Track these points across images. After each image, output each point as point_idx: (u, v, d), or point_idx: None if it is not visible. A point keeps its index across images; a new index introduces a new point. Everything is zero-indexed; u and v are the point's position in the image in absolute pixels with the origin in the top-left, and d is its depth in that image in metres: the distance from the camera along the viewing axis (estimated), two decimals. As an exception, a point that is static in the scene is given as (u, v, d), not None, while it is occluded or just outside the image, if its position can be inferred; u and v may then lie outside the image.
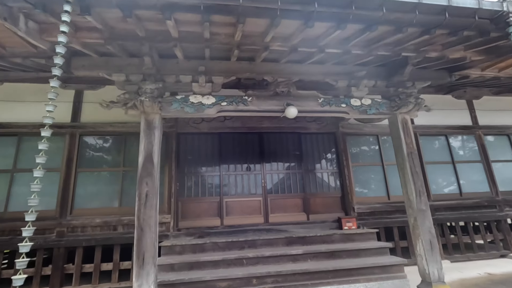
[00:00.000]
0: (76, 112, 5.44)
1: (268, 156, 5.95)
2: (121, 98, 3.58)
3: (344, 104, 4.15)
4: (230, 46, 3.51)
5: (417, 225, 3.85)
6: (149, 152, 3.46)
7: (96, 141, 5.42)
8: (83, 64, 3.70)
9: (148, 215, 3.27)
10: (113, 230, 4.96)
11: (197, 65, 3.88)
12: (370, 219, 5.79)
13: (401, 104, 4.09)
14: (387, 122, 6.38)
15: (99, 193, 5.13)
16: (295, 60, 4.19)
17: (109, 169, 5.28)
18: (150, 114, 3.60)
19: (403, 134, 4.14)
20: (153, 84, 3.53)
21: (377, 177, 6.20)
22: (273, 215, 5.62)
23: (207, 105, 3.80)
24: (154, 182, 3.40)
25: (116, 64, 3.76)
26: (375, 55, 3.88)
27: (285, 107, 3.96)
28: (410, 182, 3.98)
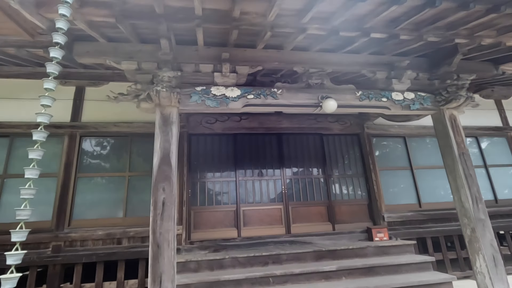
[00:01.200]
0: (77, 110, 4.88)
1: (288, 159, 5.41)
2: (132, 89, 3.05)
3: (385, 98, 3.65)
4: (260, 28, 3.01)
5: (475, 238, 3.30)
6: (166, 152, 2.91)
7: (98, 142, 4.85)
8: (88, 50, 3.17)
9: (166, 228, 2.70)
10: (117, 243, 4.36)
11: (219, 52, 3.37)
12: (401, 229, 5.23)
13: (450, 98, 3.59)
14: (415, 123, 6.00)
15: (101, 202, 4.53)
16: (328, 49, 3.71)
17: (113, 174, 4.69)
18: (167, 108, 3.06)
19: (452, 132, 3.63)
20: (171, 71, 3.00)
21: (406, 183, 5.67)
22: (295, 225, 5.05)
23: (232, 98, 3.28)
24: (172, 187, 2.84)
25: (126, 51, 3.23)
26: (421, 43, 3.40)
27: (319, 100, 3.45)
28: (464, 187, 3.45)
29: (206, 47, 3.40)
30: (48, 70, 2.21)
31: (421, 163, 5.84)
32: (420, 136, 6.00)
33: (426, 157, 5.93)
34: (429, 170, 5.82)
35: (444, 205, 5.60)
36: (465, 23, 3.12)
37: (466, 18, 3.04)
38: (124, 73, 3.32)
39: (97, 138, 4.84)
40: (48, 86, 2.18)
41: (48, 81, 1.90)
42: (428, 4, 2.66)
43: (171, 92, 2.94)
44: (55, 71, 2.32)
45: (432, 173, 5.81)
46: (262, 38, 3.17)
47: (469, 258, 5.32)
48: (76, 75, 4.96)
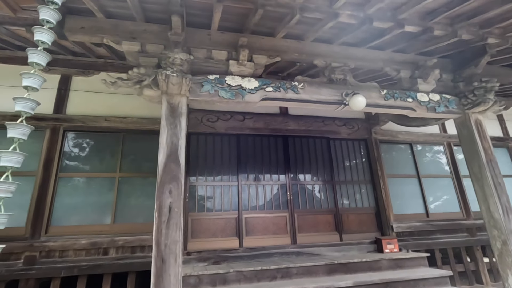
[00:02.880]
0: (61, 101, 4.31)
1: (294, 163, 5.04)
2: (134, 73, 2.59)
3: (410, 99, 3.38)
4: (287, 11, 2.66)
5: (508, 251, 3.05)
6: (173, 148, 2.46)
7: (85, 138, 4.29)
8: (83, 26, 2.69)
9: (173, 239, 2.23)
10: (103, 254, 3.79)
11: (234, 38, 2.98)
12: (410, 240, 4.97)
13: (478, 101, 3.38)
14: (422, 130, 5.83)
15: (86, 206, 3.96)
16: (351, 43, 3.42)
17: (101, 174, 4.14)
18: (175, 96, 2.62)
19: (479, 138, 3.40)
20: (184, 53, 2.57)
21: (414, 191, 5.44)
22: (301, 235, 4.66)
23: (249, 89, 2.88)
24: (180, 190, 2.39)
25: (128, 30, 2.78)
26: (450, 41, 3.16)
27: (343, 97, 3.12)
28: (493, 196, 3.20)
29: (220, 32, 3.01)
30: (31, 59, 1.75)
31: (428, 171, 5.65)
32: (427, 143, 5.84)
33: (433, 166, 5.76)
34: (436, 179, 5.64)
35: (451, 215, 5.42)
36: (501, 20, 2.92)
37: (505, 14, 2.83)
38: (124, 56, 2.87)
39: (84, 133, 4.28)
40: (28, 83, 1.71)
41: (29, 76, 1.44)
42: (476, -8, 2.41)
43: (182, 78, 2.51)
44: (41, 62, 1.84)
45: (438, 182, 5.64)
46: (286, 24, 2.81)
47: (477, 271, 5.21)
48: (63, 62, 4.44)
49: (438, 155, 5.87)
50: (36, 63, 1.70)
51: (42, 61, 1.73)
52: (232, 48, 2.99)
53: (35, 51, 1.71)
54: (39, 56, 1.71)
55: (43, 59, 1.76)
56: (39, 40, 1.75)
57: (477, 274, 5.10)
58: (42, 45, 1.77)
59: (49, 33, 1.74)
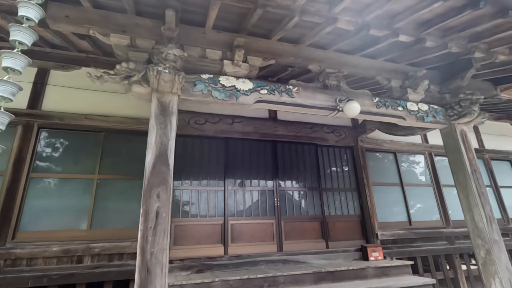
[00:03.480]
0: (37, 96, 4.01)
1: (282, 169, 4.98)
2: (122, 68, 2.42)
3: (401, 108, 3.42)
4: (286, 12, 2.61)
5: (491, 260, 3.11)
6: (163, 149, 2.31)
7: (62, 137, 4.00)
8: (67, 15, 2.50)
9: (160, 247, 2.06)
10: (77, 262, 3.50)
11: (229, 38, 2.89)
12: (394, 247, 5.02)
13: (464, 113, 3.48)
14: (405, 139, 5.98)
15: (60, 210, 3.66)
16: (345, 50, 3.43)
17: (78, 175, 3.86)
18: (166, 94, 2.47)
19: (464, 148, 3.50)
20: (178, 49, 2.44)
21: (397, 199, 5.53)
22: (288, 242, 4.57)
23: (243, 91, 2.79)
24: (169, 194, 2.23)
25: (118, 22, 2.61)
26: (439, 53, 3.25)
27: (337, 103, 3.10)
28: (478, 205, 3.28)
29: (216, 31, 2.91)
30: (14, 37, 1.57)
31: (411, 180, 5.78)
32: (410, 152, 5.98)
33: (415, 175, 5.91)
34: (418, 187, 5.77)
35: (431, 223, 5.55)
36: (489, 35, 3.03)
37: (493, 29, 2.94)
38: (109, 52, 2.69)
39: (61, 131, 3.98)
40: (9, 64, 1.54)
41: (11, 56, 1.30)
42: (470, 6, 2.48)
43: (175, 75, 2.37)
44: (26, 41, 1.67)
45: (420, 190, 5.77)
46: (283, 26, 2.76)
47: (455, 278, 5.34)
48: (40, 54, 4.13)
49: (420, 165, 6.03)
50: (20, 41, 1.51)
51: (27, 40, 1.54)
52: (227, 48, 2.90)
53: (18, 27, 1.52)
54: (23, 34, 1.52)
55: (28, 37, 1.57)
56: (24, 16, 1.56)
57: (456, 281, 5.22)
58: (28, 23, 1.58)
59: (37, 8, 1.56)
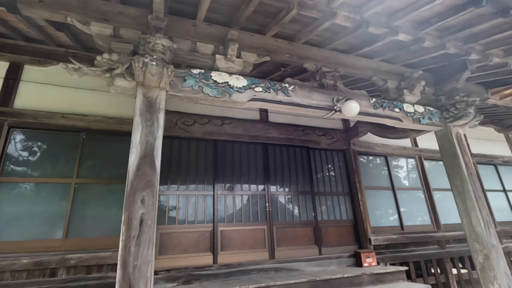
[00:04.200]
0: (8, 93, 3.66)
1: (274, 173, 4.80)
2: (104, 60, 2.18)
3: (398, 109, 3.34)
4: (283, 5, 2.46)
5: (490, 266, 3.03)
6: (149, 149, 2.08)
7: (36, 137, 3.66)
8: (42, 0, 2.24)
9: (144, 259, 1.82)
10: (50, 276, 3.17)
11: (222, 32, 2.71)
12: (387, 252, 4.92)
13: (460, 115, 3.43)
14: (396, 143, 5.95)
15: (32, 217, 3.32)
16: (340, 49, 3.32)
17: (53, 179, 3.52)
18: (153, 89, 2.25)
19: (460, 152, 3.44)
20: (167, 40, 2.22)
21: (389, 204, 5.46)
22: (280, 249, 4.37)
23: (236, 88, 2.60)
24: (155, 199, 2.00)
25: (99, 10, 2.38)
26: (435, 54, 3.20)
27: (334, 103, 2.97)
28: (475, 209, 3.21)
29: (207, 24, 2.72)
30: None
31: (402, 184, 5.75)
32: (401, 156, 5.96)
33: (406, 178, 5.88)
34: (409, 191, 5.74)
35: (423, 228, 5.51)
36: (485, 36, 3.00)
37: (490, 30, 2.90)
38: (91, 47, 2.46)
39: (35, 131, 3.65)
40: None
41: None
42: (472, 3, 2.41)
43: (163, 68, 2.15)
44: None
45: (411, 194, 5.74)
46: (279, 20, 2.61)
47: (447, 283, 5.31)
48: (13, 48, 3.82)
49: (410, 168, 6.01)
50: None
51: None
52: (219, 42, 2.71)
53: None
54: None
55: None
56: None
57: (447, 286, 5.17)
58: None
59: None
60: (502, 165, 7.02)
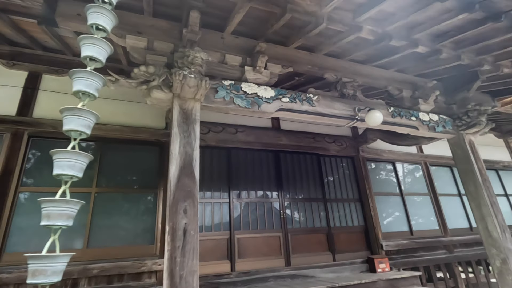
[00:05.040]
0: (27, 103, 3.67)
1: (286, 180, 4.86)
2: (140, 72, 2.23)
3: (414, 118, 3.44)
4: (310, 19, 2.55)
5: (508, 270, 3.12)
6: (188, 160, 2.12)
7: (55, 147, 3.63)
8: (79, 13, 2.28)
9: (189, 269, 1.85)
10: (72, 286, 3.15)
11: (248, 44, 2.79)
12: (398, 258, 4.99)
13: (472, 123, 3.56)
14: (402, 149, 6.07)
15: (52, 227, 3.30)
16: (357, 60, 3.42)
17: (73, 189, 3.48)
18: (188, 101, 2.30)
19: (473, 158, 3.55)
20: (204, 53, 2.28)
21: (398, 209, 5.55)
22: (295, 256, 4.41)
23: (265, 98, 2.67)
24: (196, 209, 2.04)
25: (132, 22, 2.43)
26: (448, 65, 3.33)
27: (356, 113, 3.06)
28: (491, 215, 3.31)
29: (234, 36, 2.79)
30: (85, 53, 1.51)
31: (409, 189, 5.85)
32: (407, 162, 6.08)
33: (413, 184, 5.98)
34: (416, 197, 5.84)
35: (431, 233, 5.60)
36: (498, 48, 3.13)
37: (503, 43, 3.04)
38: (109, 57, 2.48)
39: (54, 140, 3.64)
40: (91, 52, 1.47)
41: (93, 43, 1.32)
42: (492, 19, 2.53)
43: (200, 80, 2.21)
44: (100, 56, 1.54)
45: (418, 200, 5.84)
46: (305, 34, 2.69)
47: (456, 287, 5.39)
48: (31, 57, 3.83)
49: (417, 174, 6.12)
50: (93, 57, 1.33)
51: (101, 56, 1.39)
52: (245, 54, 2.79)
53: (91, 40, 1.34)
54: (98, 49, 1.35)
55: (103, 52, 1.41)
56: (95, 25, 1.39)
57: (457, 290, 5.25)
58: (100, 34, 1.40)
59: (111, 15, 1.39)
60: (503, 170, 7.19)
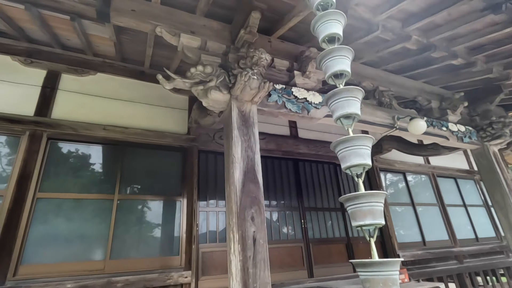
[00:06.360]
0: (46, 103, 3.44)
1: (306, 189, 4.79)
2: (197, 72, 2.13)
3: (445, 128, 3.49)
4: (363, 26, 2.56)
5: (539, 279, 3.15)
6: (250, 164, 2.01)
7: (76, 150, 3.43)
8: (133, 9, 2.17)
9: (262, 281, 1.72)
10: (94, 301, 2.89)
11: (293, 48, 2.76)
12: (414, 268, 4.97)
13: (497, 135, 3.65)
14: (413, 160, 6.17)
15: (72, 237, 3.05)
16: (391, 70, 3.47)
17: (94, 195, 3.29)
18: (245, 104, 2.21)
19: (499, 169, 3.64)
20: (269, 55, 2.21)
21: (410, 219, 5.59)
22: (318, 267, 4.30)
23: (314, 104, 2.62)
24: (263, 217, 1.93)
25: (184, 21, 2.34)
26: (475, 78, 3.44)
27: (395, 121, 3.06)
28: (519, 224, 3.37)
29: (280, 41, 2.76)
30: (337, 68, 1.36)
31: (419, 200, 5.92)
32: (417, 173, 6.17)
33: (423, 194, 6.06)
34: (426, 207, 5.91)
35: (441, 243, 5.65)
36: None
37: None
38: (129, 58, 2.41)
39: (74, 143, 3.42)
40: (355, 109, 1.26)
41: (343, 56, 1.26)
42: (536, 33, 2.63)
43: (262, 82, 2.13)
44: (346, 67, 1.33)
45: (428, 210, 5.91)
46: (355, 40, 2.69)
47: (468, 298, 5.43)
48: (49, 55, 3.64)
49: (426, 185, 6.22)
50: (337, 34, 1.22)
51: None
52: (291, 59, 2.75)
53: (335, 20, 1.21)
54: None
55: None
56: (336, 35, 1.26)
57: (469, 301, 5.29)
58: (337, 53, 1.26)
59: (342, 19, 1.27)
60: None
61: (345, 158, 1.08)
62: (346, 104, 1.15)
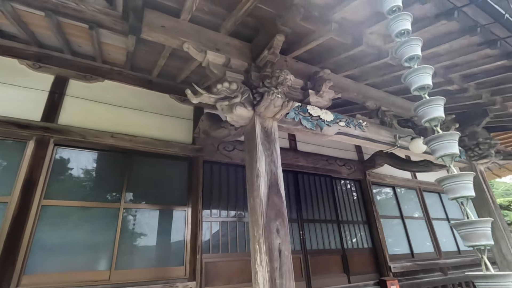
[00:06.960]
0: (53, 108, 3.40)
1: (304, 201, 4.92)
2: (223, 88, 2.23)
3: (438, 147, 3.74)
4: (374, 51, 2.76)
5: (523, 290, 3.40)
6: (273, 178, 2.12)
7: (83, 157, 3.39)
8: (163, 25, 2.26)
9: (288, 292, 1.81)
10: (99, 313, 2.84)
11: (308, 68, 2.93)
12: (403, 280, 5.18)
13: (484, 155, 3.96)
14: (401, 175, 6.47)
15: (77, 246, 3.00)
16: (391, 91, 3.71)
17: (100, 204, 3.25)
18: (267, 120, 2.33)
19: (486, 187, 3.93)
20: (292, 75, 2.35)
21: (400, 232, 5.82)
22: (315, 278, 4.39)
23: (326, 122, 2.78)
24: (287, 229, 2.02)
25: (210, 38, 2.45)
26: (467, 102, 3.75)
27: (396, 139, 3.27)
28: (504, 238, 3.64)
29: (295, 60, 2.92)
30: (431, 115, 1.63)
31: (408, 213, 6.19)
32: (405, 187, 6.47)
33: (411, 208, 6.35)
34: (414, 220, 6.19)
35: (427, 255, 5.91)
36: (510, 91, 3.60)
37: (518, 85, 3.50)
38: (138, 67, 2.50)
39: (81, 150, 3.39)
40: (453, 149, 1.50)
41: None
42: (519, 66, 2.93)
43: (285, 101, 2.26)
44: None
45: (415, 223, 6.18)
46: (365, 64, 2.90)
47: (452, 310, 5.68)
48: (58, 60, 3.62)
49: (413, 199, 6.53)
50: None
51: None
52: (305, 78, 2.91)
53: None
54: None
55: None
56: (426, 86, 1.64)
57: (453, 313, 5.54)
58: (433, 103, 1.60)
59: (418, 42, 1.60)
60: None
61: (453, 190, 1.40)
62: (449, 146, 1.43)
